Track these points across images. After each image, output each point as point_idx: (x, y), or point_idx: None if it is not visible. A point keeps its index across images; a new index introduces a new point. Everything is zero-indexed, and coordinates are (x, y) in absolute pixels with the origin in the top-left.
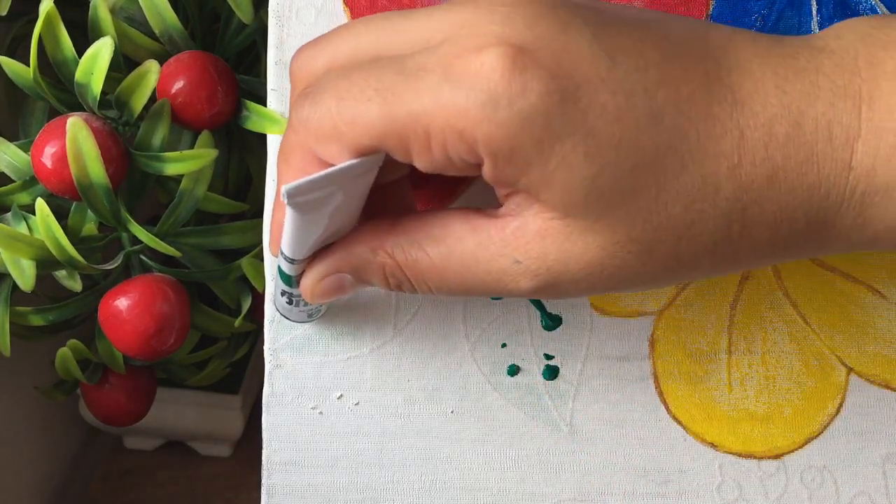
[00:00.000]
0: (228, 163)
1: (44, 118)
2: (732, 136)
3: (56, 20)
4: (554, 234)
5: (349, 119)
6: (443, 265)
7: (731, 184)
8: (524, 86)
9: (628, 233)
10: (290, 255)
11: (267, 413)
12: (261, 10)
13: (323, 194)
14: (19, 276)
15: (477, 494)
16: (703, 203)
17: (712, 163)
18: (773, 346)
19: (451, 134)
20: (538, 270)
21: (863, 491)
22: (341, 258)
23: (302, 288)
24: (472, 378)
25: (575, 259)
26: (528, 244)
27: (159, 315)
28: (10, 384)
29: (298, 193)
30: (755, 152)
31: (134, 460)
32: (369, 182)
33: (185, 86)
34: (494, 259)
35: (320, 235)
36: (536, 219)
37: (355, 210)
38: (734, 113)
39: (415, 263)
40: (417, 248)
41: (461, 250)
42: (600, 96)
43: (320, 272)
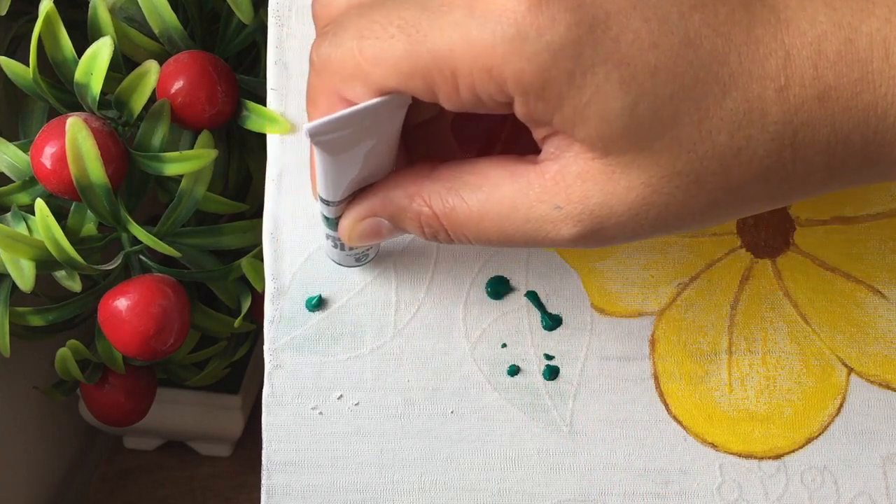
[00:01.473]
0: (228, 163)
1: (43, 118)
2: (777, 57)
3: (56, 20)
4: (595, 175)
5: (372, 58)
6: (481, 213)
7: (780, 107)
8: (552, 17)
9: (673, 165)
10: (325, 196)
11: (267, 413)
12: (260, 9)
13: (348, 133)
14: (19, 276)
15: (477, 494)
16: (751, 128)
17: (757, 86)
18: (774, 347)
19: (479, 72)
20: (580, 215)
21: (863, 491)
22: (378, 202)
23: (339, 229)
24: (472, 378)
25: (619, 199)
26: (568, 188)
27: (159, 315)
28: (10, 384)
29: (322, 132)
30: (804, 72)
31: (134, 460)
32: (399, 124)
33: (184, 86)
34: (534, 206)
35: (353, 177)
36: (577, 160)
37: (389, 153)
38: (778, 32)
39: (451, 211)
40: (455, 195)
41: (500, 197)
42: (632, 23)
43: (357, 214)
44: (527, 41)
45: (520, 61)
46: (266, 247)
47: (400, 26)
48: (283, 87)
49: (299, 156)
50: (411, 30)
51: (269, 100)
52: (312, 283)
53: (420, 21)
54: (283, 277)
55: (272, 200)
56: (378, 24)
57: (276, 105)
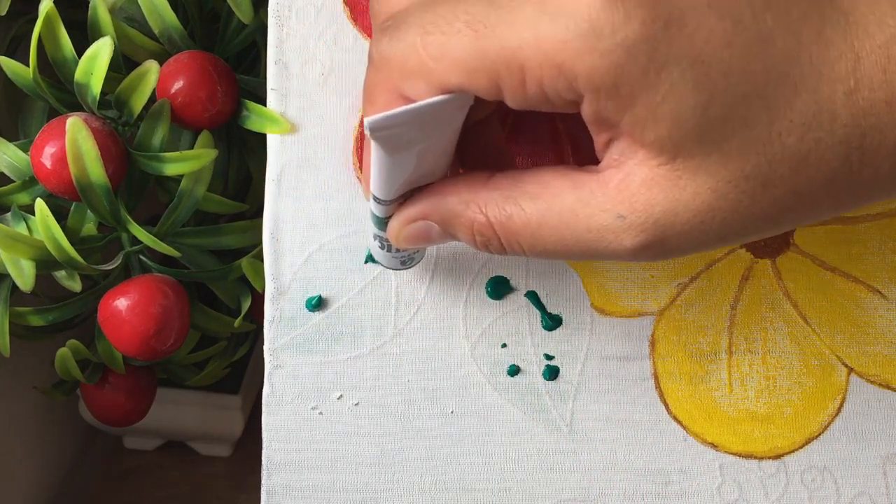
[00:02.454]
0: (228, 163)
1: (43, 118)
2: (847, 60)
3: (56, 20)
4: (661, 181)
5: (436, 53)
6: (539, 222)
7: (848, 110)
8: (627, 13)
9: (742, 168)
10: (378, 194)
11: (267, 413)
12: (260, 9)
13: (408, 130)
14: (19, 276)
15: (477, 494)
16: (820, 131)
17: (827, 88)
18: (774, 347)
19: (548, 68)
20: (644, 224)
21: (863, 491)
22: (431, 205)
23: (389, 230)
24: (472, 378)
25: (685, 206)
26: (632, 196)
27: (159, 315)
28: (10, 384)
29: (382, 127)
30: (873, 76)
31: (134, 460)
32: (458, 125)
33: (184, 86)
34: (596, 215)
35: (408, 177)
36: (642, 167)
37: (445, 155)
38: (848, 35)
39: (508, 219)
40: (513, 204)
41: (560, 206)
42: (707, 20)
43: (408, 216)
44: (601, 37)
45: (592, 58)
46: (266, 247)
47: (466, 21)
48: (283, 87)
49: (299, 156)
50: (478, 24)
51: (269, 100)
52: (312, 283)
53: (488, 16)
54: (283, 277)
55: (272, 200)
56: (443, 19)
57: (276, 105)
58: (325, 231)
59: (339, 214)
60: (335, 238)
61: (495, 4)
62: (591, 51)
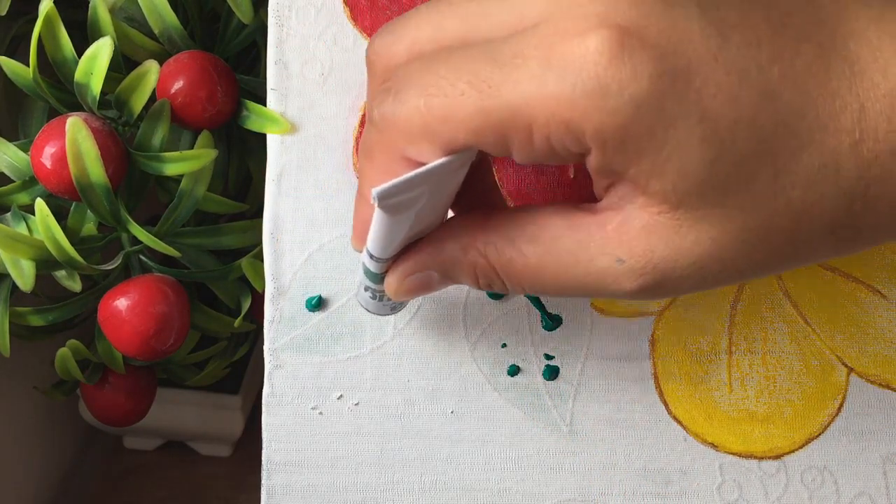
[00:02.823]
0: (228, 163)
1: (43, 118)
2: (853, 111)
3: (56, 20)
4: (661, 229)
5: (441, 116)
6: (539, 265)
7: (853, 161)
8: (634, 69)
9: (744, 221)
10: (377, 254)
11: (267, 413)
12: (260, 9)
13: (413, 194)
14: (19, 276)
15: (477, 494)
16: (824, 184)
17: (832, 140)
18: (774, 347)
19: (556, 125)
20: (644, 269)
21: (863, 491)
22: (430, 255)
23: (387, 285)
24: (472, 378)
25: (684, 254)
26: (631, 241)
27: (159, 315)
28: (10, 384)
29: (389, 195)
30: (878, 126)
31: (134, 460)
32: (460, 178)
33: (184, 86)
34: (595, 258)
35: (408, 233)
36: (642, 213)
37: (444, 206)
38: (853, 86)
39: (509, 263)
40: (512, 247)
41: (559, 249)
42: (714, 76)
43: (407, 270)
44: (608, 95)
45: (601, 115)
46: (266, 247)
47: (470, 81)
48: (283, 87)
49: (299, 156)
50: (482, 85)
51: (269, 100)
52: (312, 283)
53: (492, 74)
54: (283, 277)
55: (272, 200)
56: (445, 80)
57: (276, 105)
58: (325, 231)
59: (339, 214)
60: (335, 238)
61: (498, 62)
62: (598, 109)
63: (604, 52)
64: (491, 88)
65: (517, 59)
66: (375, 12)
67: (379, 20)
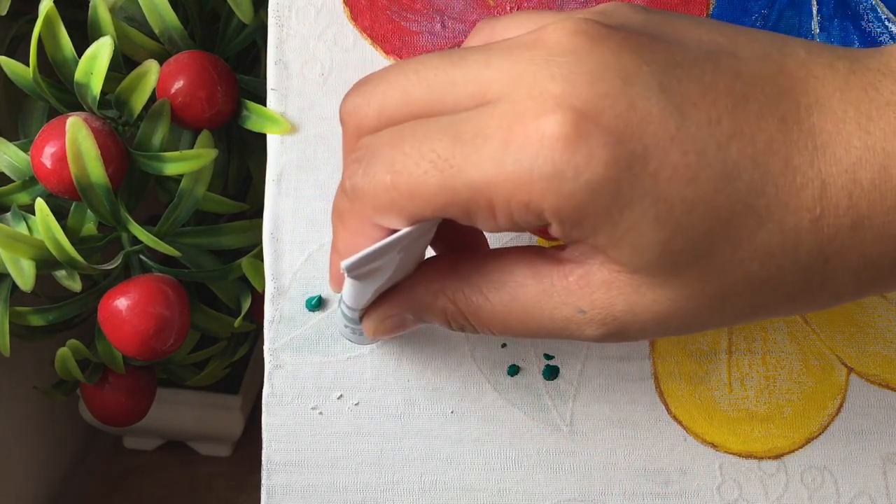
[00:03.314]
0: (228, 163)
1: (43, 118)
2: (814, 187)
3: (56, 20)
4: (621, 286)
5: (407, 193)
6: (505, 312)
7: (813, 236)
8: (589, 155)
9: (702, 288)
10: (351, 304)
11: (267, 413)
12: (261, 9)
13: (383, 261)
14: (19, 276)
15: (477, 494)
16: (783, 259)
17: (792, 218)
18: (774, 346)
19: (516, 204)
20: (605, 320)
21: (863, 491)
22: (402, 300)
23: (364, 328)
24: (472, 378)
25: (643, 309)
26: (592, 294)
27: (159, 315)
28: (10, 384)
29: (358, 266)
30: (839, 202)
31: (134, 460)
32: (429, 238)
33: (184, 86)
34: (558, 307)
35: (380, 287)
36: (602, 269)
37: (416, 260)
38: (815, 160)
39: (477, 310)
40: (478, 294)
41: (524, 297)
42: (670, 157)
43: (381, 314)
44: (564, 179)
45: (557, 198)
46: (266, 247)
47: (433, 161)
48: (283, 87)
49: (299, 156)
50: (444, 164)
51: (269, 100)
52: (312, 283)
53: (453, 154)
54: (283, 277)
55: (272, 200)
56: (410, 159)
57: (276, 105)
58: (325, 231)
59: None
60: None
61: (460, 141)
62: (555, 192)
63: (559, 137)
64: (453, 168)
65: (478, 139)
66: (375, 12)
67: (379, 20)
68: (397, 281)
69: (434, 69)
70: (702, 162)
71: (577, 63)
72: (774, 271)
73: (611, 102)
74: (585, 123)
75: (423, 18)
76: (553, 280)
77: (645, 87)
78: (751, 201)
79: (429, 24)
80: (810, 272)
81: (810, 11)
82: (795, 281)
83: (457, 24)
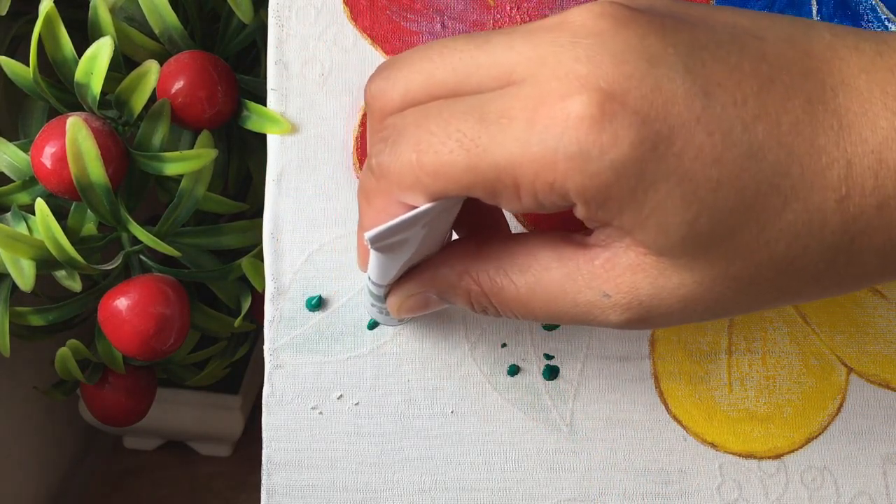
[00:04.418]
0: (228, 163)
1: (43, 118)
2: (839, 167)
3: (56, 20)
4: (646, 269)
5: (432, 172)
6: (528, 295)
7: (839, 217)
8: (615, 135)
9: (727, 270)
10: (377, 280)
11: (267, 413)
12: (261, 9)
13: (407, 235)
14: (19, 276)
15: (477, 494)
16: (808, 239)
17: (818, 197)
18: (774, 346)
19: (541, 184)
20: (629, 304)
21: (863, 491)
22: (427, 279)
23: (389, 304)
24: (472, 378)
25: (668, 293)
26: (617, 278)
27: (159, 315)
28: (10, 384)
29: (381, 238)
30: (864, 182)
31: (134, 460)
32: (455, 213)
33: (184, 86)
34: (582, 291)
35: (406, 263)
36: (628, 252)
37: (442, 235)
38: (840, 141)
39: (500, 291)
40: (503, 276)
41: (548, 280)
42: (696, 137)
43: (406, 292)
44: (589, 159)
45: (582, 178)
46: (266, 247)
47: (458, 140)
48: (283, 87)
49: (299, 156)
50: (470, 144)
51: (269, 100)
52: (312, 283)
53: (479, 134)
54: (283, 277)
55: (272, 201)
56: (436, 138)
57: (276, 105)
58: (326, 231)
59: (339, 214)
60: (335, 238)
61: (486, 122)
62: (580, 172)
63: (585, 117)
64: (478, 148)
65: (503, 119)
66: (375, 12)
67: (379, 20)
68: (422, 258)
69: (459, 52)
70: (727, 142)
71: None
72: (800, 251)
73: (636, 83)
74: (611, 104)
75: (423, 18)
76: (578, 263)
77: (670, 68)
78: (776, 181)
79: (429, 24)
80: (836, 252)
81: (810, 11)
82: (821, 261)
83: (457, 24)
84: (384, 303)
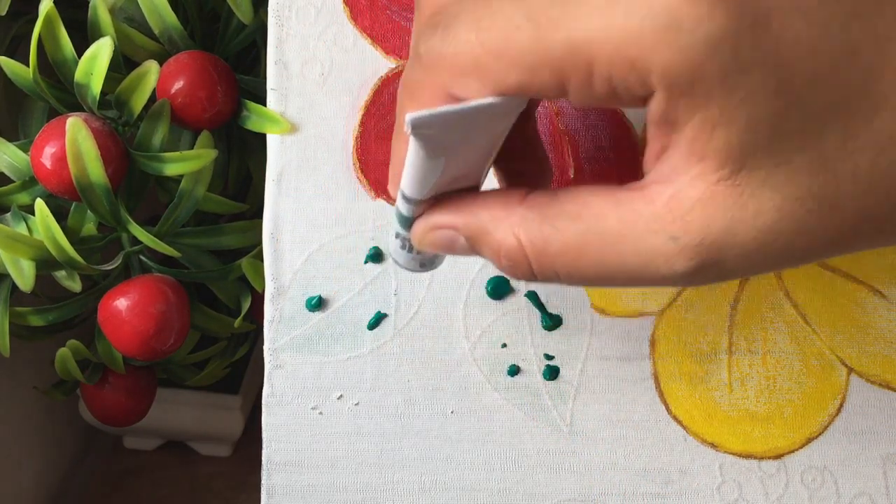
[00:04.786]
0: (228, 163)
1: (43, 118)
2: None
3: (56, 20)
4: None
5: (494, 51)
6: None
7: None
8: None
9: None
10: (409, 193)
11: (267, 413)
12: (260, 9)
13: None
14: (19, 276)
15: (477, 494)
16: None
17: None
18: (774, 347)
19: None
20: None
21: (863, 491)
22: (461, 217)
23: (413, 231)
24: (472, 378)
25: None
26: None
27: (159, 315)
28: (10, 384)
29: (425, 125)
30: None
31: (134, 460)
32: (505, 130)
33: (184, 86)
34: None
35: (443, 177)
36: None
37: (485, 159)
38: None
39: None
40: (549, 225)
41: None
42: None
43: (436, 222)
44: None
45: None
46: (266, 247)
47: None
48: (283, 87)
49: (299, 156)
50: (541, 18)
51: (269, 100)
52: (312, 283)
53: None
54: (283, 277)
55: (272, 201)
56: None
57: (276, 105)
58: (325, 231)
59: (339, 214)
60: (335, 238)
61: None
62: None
63: None
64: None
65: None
66: (375, 12)
67: (379, 19)
68: (461, 182)
69: None
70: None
71: None
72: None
73: None
74: None
75: None
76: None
77: None
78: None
79: None
80: None
81: None
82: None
83: None
84: (409, 231)
